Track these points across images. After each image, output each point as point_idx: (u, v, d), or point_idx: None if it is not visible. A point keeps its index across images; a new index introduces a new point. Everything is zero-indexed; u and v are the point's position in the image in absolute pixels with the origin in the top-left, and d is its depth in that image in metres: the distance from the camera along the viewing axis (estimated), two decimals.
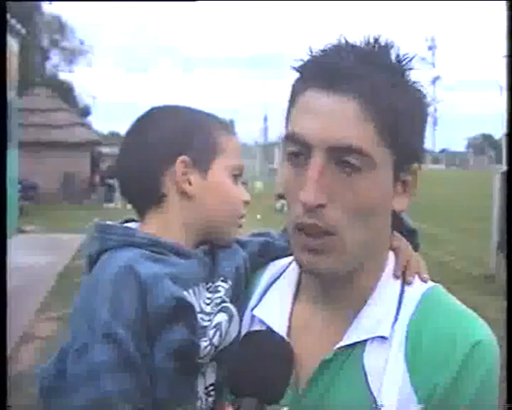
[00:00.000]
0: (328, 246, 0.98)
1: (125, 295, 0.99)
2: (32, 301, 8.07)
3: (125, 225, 1.15)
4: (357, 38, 1.00)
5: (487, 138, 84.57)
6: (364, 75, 0.96)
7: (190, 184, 1.12)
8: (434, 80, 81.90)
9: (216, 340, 1.06)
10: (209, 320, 1.08)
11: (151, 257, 1.05)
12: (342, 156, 0.95)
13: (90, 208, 17.29)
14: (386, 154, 0.98)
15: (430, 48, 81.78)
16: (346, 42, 1.00)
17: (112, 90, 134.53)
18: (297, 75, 1.02)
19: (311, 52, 1.00)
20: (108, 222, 1.12)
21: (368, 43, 1.00)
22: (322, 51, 1.00)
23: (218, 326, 1.07)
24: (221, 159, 1.14)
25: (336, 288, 1.05)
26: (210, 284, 1.12)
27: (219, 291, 1.11)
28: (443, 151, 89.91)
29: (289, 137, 0.99)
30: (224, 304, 1.10)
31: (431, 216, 17.99)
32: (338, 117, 0.95)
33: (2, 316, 2.45)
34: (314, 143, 0.96)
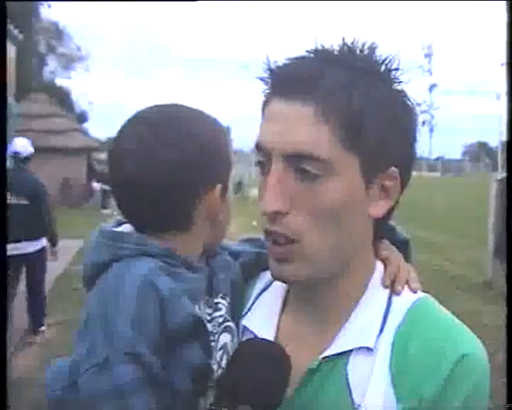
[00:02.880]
0: (293, 254, 0.98)
1: (148, 312, 0.94)
2: None
3: (137, 233, 1.05)
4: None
5: (483, 146, 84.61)
6: (319, 78, 0.95)
7: (217, 209, 1.07)
8: (431, 87, 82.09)
9: (224, 363, 1.03)
10: (213, 341, 1.04)
11: (167, 270, 0.99)
12: (300, 163, 0.95)
13: (87, 214, 17.26)
14: (350, 158, 0.96)
15: (427, 55, 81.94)
16: (316, 49, 1.00)
17: (109, 96, 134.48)
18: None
19: (275, 61, 1.00)
20: (119, 229, 1.06)
21: (340, 47, 0.99)
22: (286, 60, 1.00)
23: (224, 348, 1.05)
24: (230, 175, 1.10)
25: (320, 297, 1.04)
26: (208, 298, 1.08)
27: (220, 309, 1.08)
28: (438, 159, 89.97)
29: (256, 147, 1.00)
30: (226, 323, 1.07)
31: (427, 222, 17.98)
32: (293, 124, 0.95)
33: (3, 318, 2.45)
34: (273, 150, 0.97)
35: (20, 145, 6.53)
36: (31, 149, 6.62)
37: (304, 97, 0.95)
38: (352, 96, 0.95)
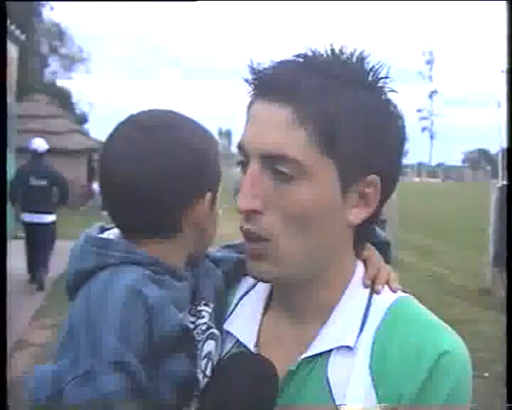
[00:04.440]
0: (266, 252, 0.99)
1: (134, 321, 0.92)
2: (27, 308, 8.05)
3: (124, 241, 1.04)
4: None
5: (483, 153, 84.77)
6: (299, 82, 0.96)
7: (205, 217, 1.06)
8: (432, 94, 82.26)
9: (209, 371, 1.02)
10: (198, 349, 1.03)
11: (153, 279, 0.98)
12: (275, 164, 0.96)
13: (87, 215, 17.27)
14: (327, 163, 0.96)
15: (428, 62, 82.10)
16: (305, 54, 1.00)
17: (109, 97, 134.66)
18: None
19: (259, 64, 1.01)
20: (104, 236, 1.05)
21: (327, 53, 1.00)
22: (272, 62, 1.01)
23: (209, 356, 1.03)
24: (219, 184, 1.10)
25: (300, 298, 1.05)
26: (191, 305, 1.07)
27: (203, 316, 1.07)
28: (439, 165, 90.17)
29: (238, 147, 1.02)
30: (210, 330, 1.06)
31: (427, 228, 18.00)
32: (270, 124, 0.96)
33: (2, 319, 2.44)
34: (250, 150, 0.99)
35: (37, 144, 9.35)
36: (46, 147, 9.42)
37: (282, 100, 0.96)
38: (328, 103, 0.96)
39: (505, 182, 9.28)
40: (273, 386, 0.95)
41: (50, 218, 9.39)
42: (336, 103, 0.96)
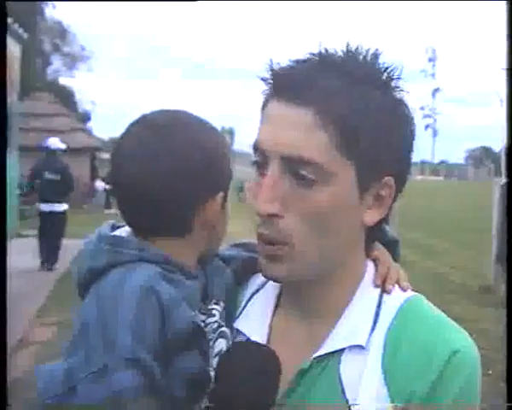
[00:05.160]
0: (284, 254, 0.98)
1: (148, 318, 0.93)
2: (30, 306, 8.06)
3: (136, 239, 1.04)
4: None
5: (486, 151, 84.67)
6: (319, 83, 0.95)
7: (217, 217, 1.07)
8: (434, 92, 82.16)
9: None
10: (209, 347, 1.03)
11: (166, 277, 0.98)
12: (296, 167, 0.95)
13: (89, 213, 17.30)
14: (346, 165, 0.96)
15: (430, 60, 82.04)
16: (320, 53, 1.00)
17: (112, 96, 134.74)
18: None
19: (278, 63, 1.00)
20: (117, 234, 1.05)
21: (344, 52, 0.99)
22: (289, 62, 1.00)
23: (220, 354, 1.03)
24: (230, 183, 1.10)
25: (312, 297, 1.05)
26: (202, 304, 1.07)
27: (214, 315, 1.07)
28: (442, 163, 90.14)
29: (254, 147, 1.01)
30: (221, 329, 1.07)
31: (429, 227, 17.98)
32: (290, 126, 0.95)
33: (2, 318, 2.44)
34: (269, 152, 0.97)
35: (51, 143, 11.08)
36: (59, 146, 11.13)
37: (302, 101, 0.95)
38: (349, 104, 0.95)
39: (507, 180, 9.26)
40: (275, 373, 0.95)
41: (62, 207, 11.02)
42: (356, 104, 0.95)
